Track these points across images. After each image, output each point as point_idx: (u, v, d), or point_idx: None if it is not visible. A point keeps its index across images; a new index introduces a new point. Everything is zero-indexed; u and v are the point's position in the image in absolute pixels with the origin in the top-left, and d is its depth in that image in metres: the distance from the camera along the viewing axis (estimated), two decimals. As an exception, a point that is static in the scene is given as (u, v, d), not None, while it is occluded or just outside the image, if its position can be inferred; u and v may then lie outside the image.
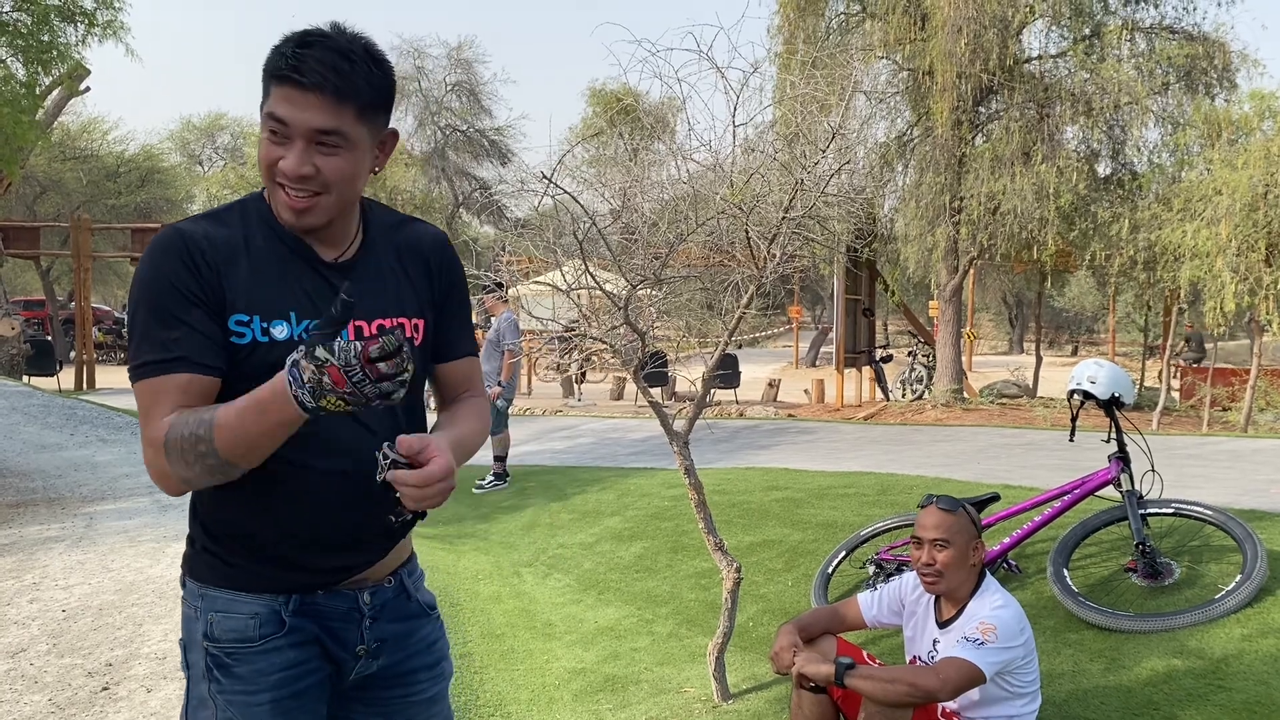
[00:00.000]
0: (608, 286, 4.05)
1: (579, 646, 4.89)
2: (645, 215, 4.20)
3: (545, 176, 3.72)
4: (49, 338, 21.53)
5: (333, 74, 1.58)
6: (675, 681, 4.30)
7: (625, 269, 3.90)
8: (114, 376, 21.80)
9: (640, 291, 4.45)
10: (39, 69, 11.11)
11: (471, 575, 6.09)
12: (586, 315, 3.99)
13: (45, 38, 10.88)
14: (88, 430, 11.10)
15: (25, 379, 16.71)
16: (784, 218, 3.87)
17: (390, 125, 1.72)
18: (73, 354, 21.04)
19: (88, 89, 17.08)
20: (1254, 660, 3.37)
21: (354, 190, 1.70)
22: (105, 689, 4.24)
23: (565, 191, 3.71)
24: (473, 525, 7.53)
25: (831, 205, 4.16)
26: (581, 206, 3.79)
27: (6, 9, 10.76)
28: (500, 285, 7.71)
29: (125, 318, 1.73)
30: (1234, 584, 3.81)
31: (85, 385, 18.90)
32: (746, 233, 3.87)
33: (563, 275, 4.21)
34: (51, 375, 18.58)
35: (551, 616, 5.37)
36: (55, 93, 16.71)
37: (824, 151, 3.75)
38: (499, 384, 8.49)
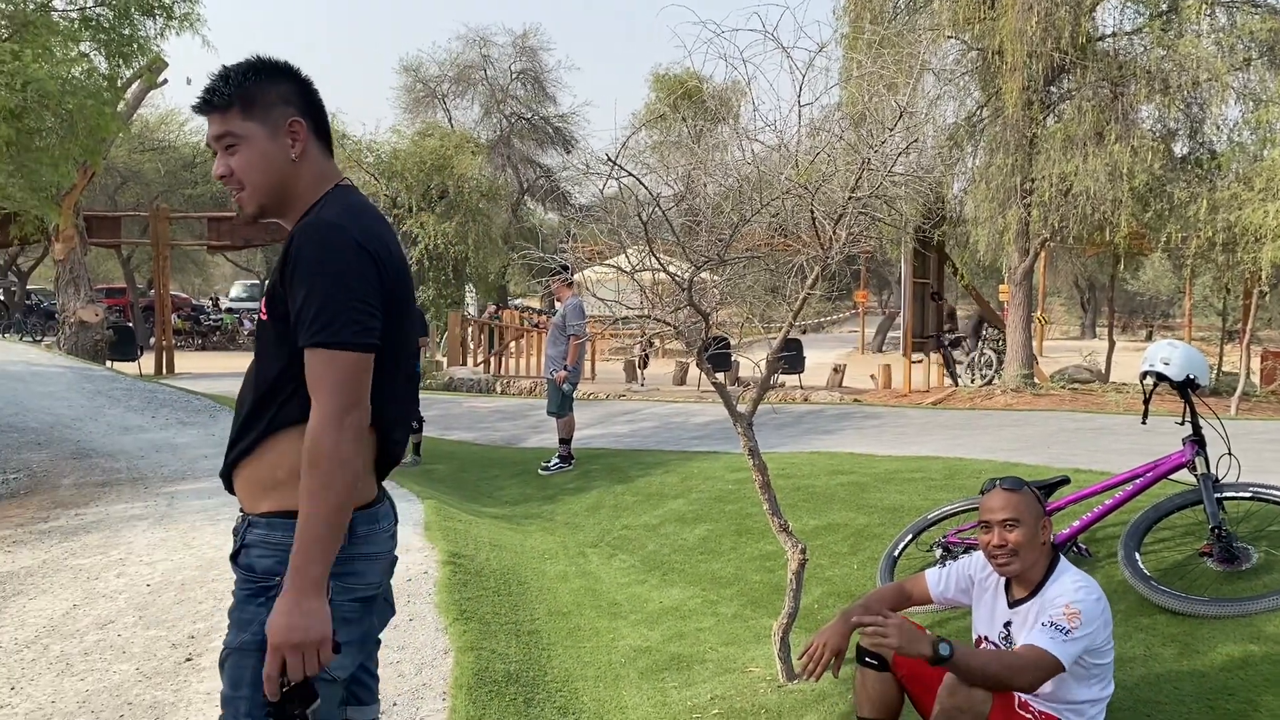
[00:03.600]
0: (671, 269, 4.07)
1: (644, 626, 4.95)
2: (709, 198, 4.21)
3: (609, 159, 3.75)
4: (130, 324, 22.20)
5: (210, 94, 1.99)
6: (740, 661, 4.33)
7: (689, 251, 3.93)
8: (192, 361, 22.44)
9: (704, 275, 4.47)
10: (120, 62, 11.44)
11: (538, 555, 6.19)
12: (650, 298, 4.02)
13: (126, 31, 11.20)
14: (168, 413, 11.45)
15: (108, 364, 17.27)
16: (850, 198, 3.85)
17: (295, 115, 2.02)
18: (152, 340, 21.67)
19: (165, 81, 17.55)
20: (1334, 647, 3.30)
21: (265, 178, 2.00)
22: (188, 660, 4.40)
23: (629, 173, 3.74)
24: (539, 506, 7.63)
25: (899, 185, 4.12)
26: (645, 188, 3.82)
27: (89, 4, 11.10)
28: (565, 269, 7.78)
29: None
30: (1314, 569, 3.72)
31: (165, 370, 19.47)
32: (812, 214, 3.86)
33: (627, 259, 4.24)
34: (132, 360, 19.18)
35: (617, 596, 5.44)
36: (135, 85, 17.20)
37: (891, 130, 3.73)
38: (565, 368, 8.57)
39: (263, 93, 2.00)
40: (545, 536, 6.72)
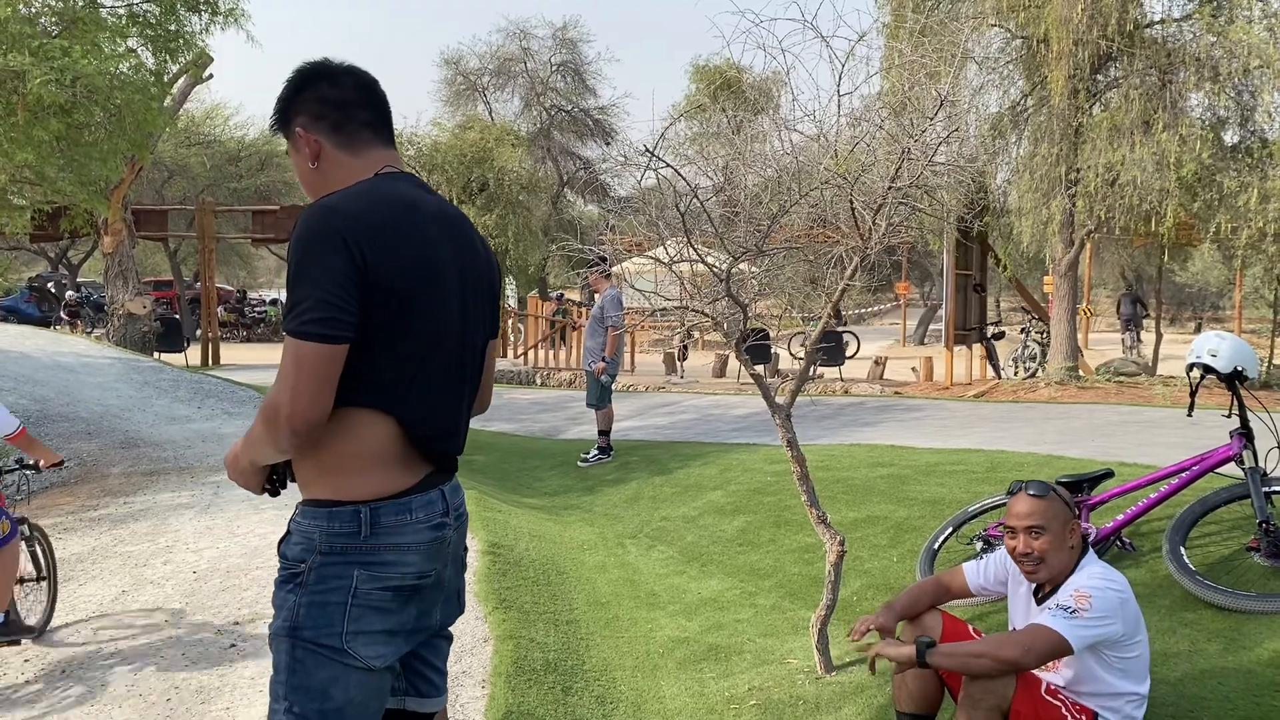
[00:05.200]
0: (709, 260, 4.07)
1: (682, 616, 4.96)
2: (748, 189, 4.20)
3: (648, 150, 3.75)
4: (177, 316, 22.55)
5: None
6: (778, 653, 4.33)
7: (727, 242, 3.92)
8: (237, 353, 22.76)
9: (742, 266, 4.46)
10: (166, 57, 11.62)
11: (577, 545, 6.22)
12: (689, 289, 4.02)
13: (172, 27, 11.37)
14: (214, 404, 11.63)
15: (155, 355, 17.57)
16: (890, 188, 3.83)
17: (298, 125, 2.10)
18: (198, 332, 22.00)
19: (211, 76, 17.79)
20: (1386, 644, 3.23)
21: (305, 188, 2.15)
22: (233, 645, 4.48)
23: (667, 164, 3.75)
24: (578, 497, 7.66)
25: (940, 175, 4.09)
26: (684, 179, 3.82)
27: (136, 0, 11.28)
28: (604, 260, 7.79)
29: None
30: (1366, 566, 3.64)
31: (210, 361, 19.77)
32: (851, 204, 3.84)
33: (666, 251, 4.24)
34: (179, 352, 19.50)
35: (655, 587, 5.45)
36: (181, 80, 17.44)
37: (931, 120, 3.69)
38: (603, 359, 8.59)
39: (283, 110, 2.12)
40: (584, 527, 6.74)
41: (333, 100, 2.08)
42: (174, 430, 10.12)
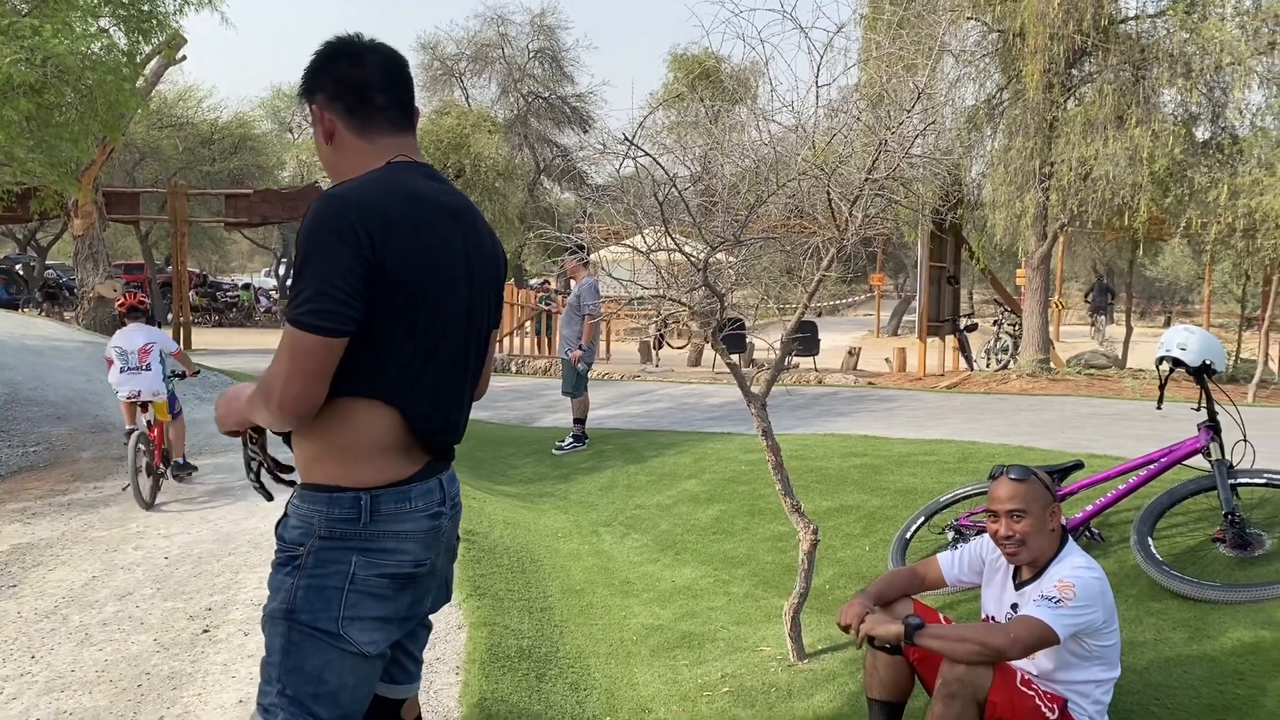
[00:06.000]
0: (687, 249, 4.08)
1: (656, 604, 4.98)
2: (725, 178, 4.21)
3: (626, 139, 3.75)
4: (148, 300, 22.29)
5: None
6: (751, 640, 4.36)
7: (705, 231, 3.93)
8: (209, 337, 22.56)
9: (719, 255, 4.47)
10: (139, 38, 11.47)
11: (551, 533, 6.23)
12: (666, 277, 4.03)
13: (145, 7, 11.22)
14: (184, 389, 11.52)
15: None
16: (867, 179, 3.85)
17: (316, 101, 2.08)
18: (169, 316, 21.77)
19: (184, 58, 17.55)
20: (1346, 634, 3.30)
21: (323, 163, 2.13)
22: (205, 631, 4.46)
23: (646, 153, 3.75)
24: (552, 485, 7.67)
25: (916, 167, 4.11)
26: (662, 168, 3.82)
27: (109, -21, 11.12)
28: (581, 248, 7.78)
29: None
30: (1328, 557, 3.71)
31: (182, 346, 19.58)
32: (828, 194, 3.86)
33: (643, 239, 4.24)
34: (150, 336, 19.24)
35: (629, 575, 5.47)
36: (154, 61, 17.21)
37: (909, 112, 3.71)
38: (580, 347, 8.59)
39: (306, 84, 2.10)
40: (559, 515, 6.75)
41: (352, 82, 2.05)
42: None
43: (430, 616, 2.30)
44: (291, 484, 2.15)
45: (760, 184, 4.03)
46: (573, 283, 8.84)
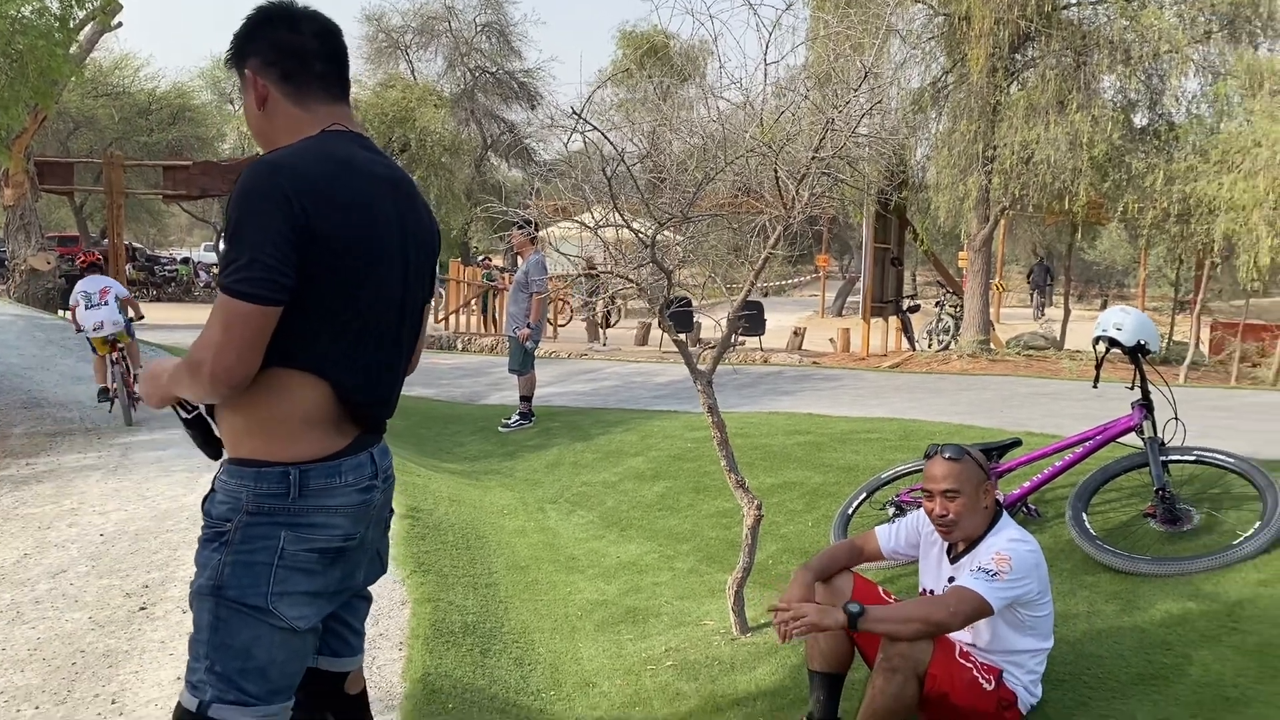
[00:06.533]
0: (635, 226, 4.07)
1: (601, 580, 5.00)
2: (674, 155, 4.20)
3: (574, 113, 3.73)
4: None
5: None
6: (695, 615, 4.40)
7: (653, 208, 3.92)
8: (147, 312, 22.02)
9: (667, 234, 4.48)
10: (73, 3, 11.12)
11: (497, 510, 6.21)
12: (613, 253, 4.02)
13: (78, -30, 10.89)
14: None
15: (60, 313, 16.93)
16: (814, 157, 3.86)
17: (249, 66, 2.02)
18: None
19: (120, 24, 17.05)
20: (1269, 605, 3.41)
21: (252, 130, 2.09)
22: (143, 609, 4.38)
23: (594, 127, 3.73)
24: (498, 463, 7.64)
25: (862, 146, 4.14)
26: (610, 143, 3.81)
27: (39, -59, 10.75)
28: (529, 223, 7.72)
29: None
30: (1252, 531, 3.83)
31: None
32: (775, 172, 3.87)
33: (591, 216, 4.23)
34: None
35: (575, 551, 5.48)
36: (88, 27, 16.71)
37: (855, 90, 3.74)
38: (528, 325, 8.55)
39: (237, 48, 2.05)
40: (504, 492, 6.74)
41: (287, 47, 2.00)
42: (79, 390, 9.80)
43: (373, 592, 2.28)
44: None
45: (708, 161, 4.03)
46: (520, 259, 8.78)
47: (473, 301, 19.32)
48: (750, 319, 15.28)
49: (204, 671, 1.91)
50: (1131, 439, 4.37)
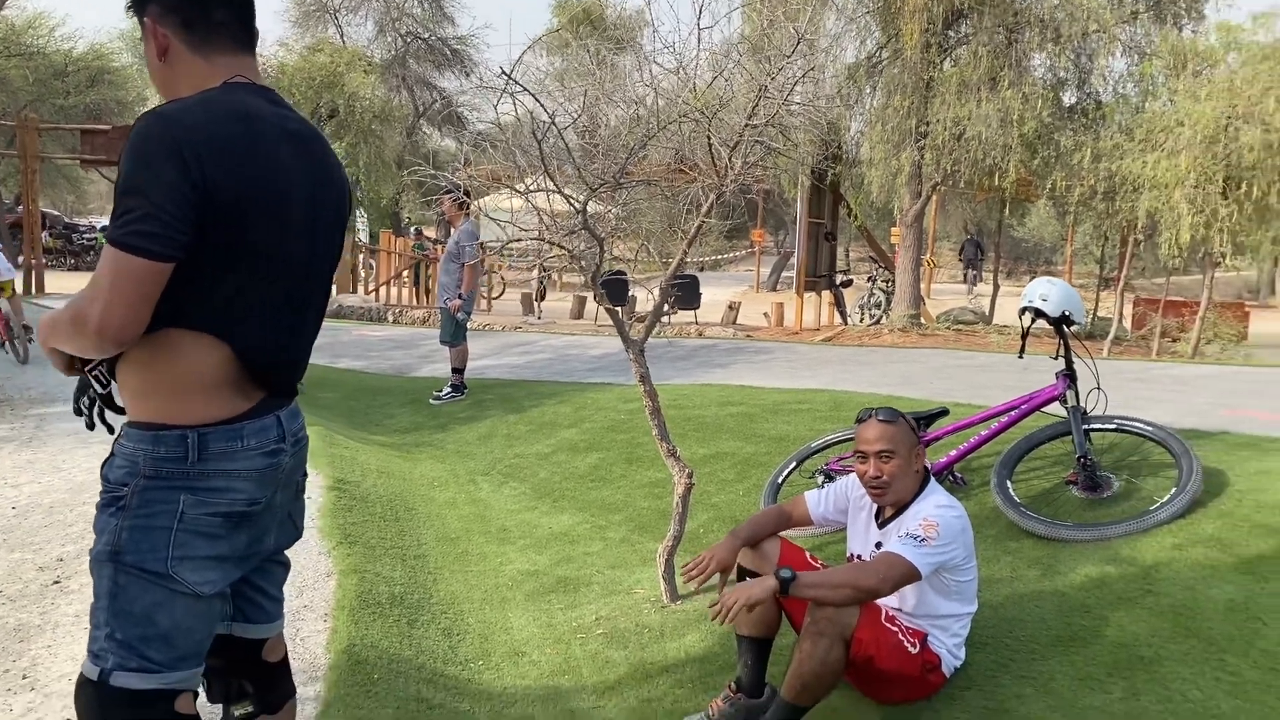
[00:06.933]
0: (567, 191, 4.01)
1: (532, 550, 4.97)
2: (608, 122, 4.15)
3: (505, 73, 3.65)
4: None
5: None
6: (626, 584, 4.39)
7: (585, 174, 3.87)
8: (64, 282, 21.37)
9: (600, 206, 4.43)
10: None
11: (427, 482, 6.13)
12: (544, 219, 3.96)
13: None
14: (34, 333, 10.92)
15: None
16: (747, 125, 3.84)
17: (149, 14, 1.92)
18: (21, 259, 20.52)
19: (32, -19, 16.36)
20: (1182, 568, 3.50)
21: (153, 79, 1.99)
22: (56, 582, 4.24)
23: (524, 89, 3.65)
24: (429, 434, 7.55)
25: (795, 115, 4.13)
26: (542, 106, 3.74)
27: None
28: (459, 188, 7.58)
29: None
30: (1168, 497, 3.93)
31: (34, 290, 18.50)
32: (709, 139, 3.84)
33: (525, 185, 4.16)
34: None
35: (506, 522, 5.43)
36: (-3, -17, 16.01)
37: (788, 58, 3.71)
38: (459, 296, 8.43)
39: None
40: (435, 464, 6.65)
41: None
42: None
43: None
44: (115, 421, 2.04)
45: (641, 127, 3.98)
46: (452, 229, 8.64)
47: (404, 273, 19.03)
48: (685, 293, 15.31)
49: (105, 639, 1.84)
50: (1055, 408, 4.46)
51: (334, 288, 18.83)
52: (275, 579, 2.18)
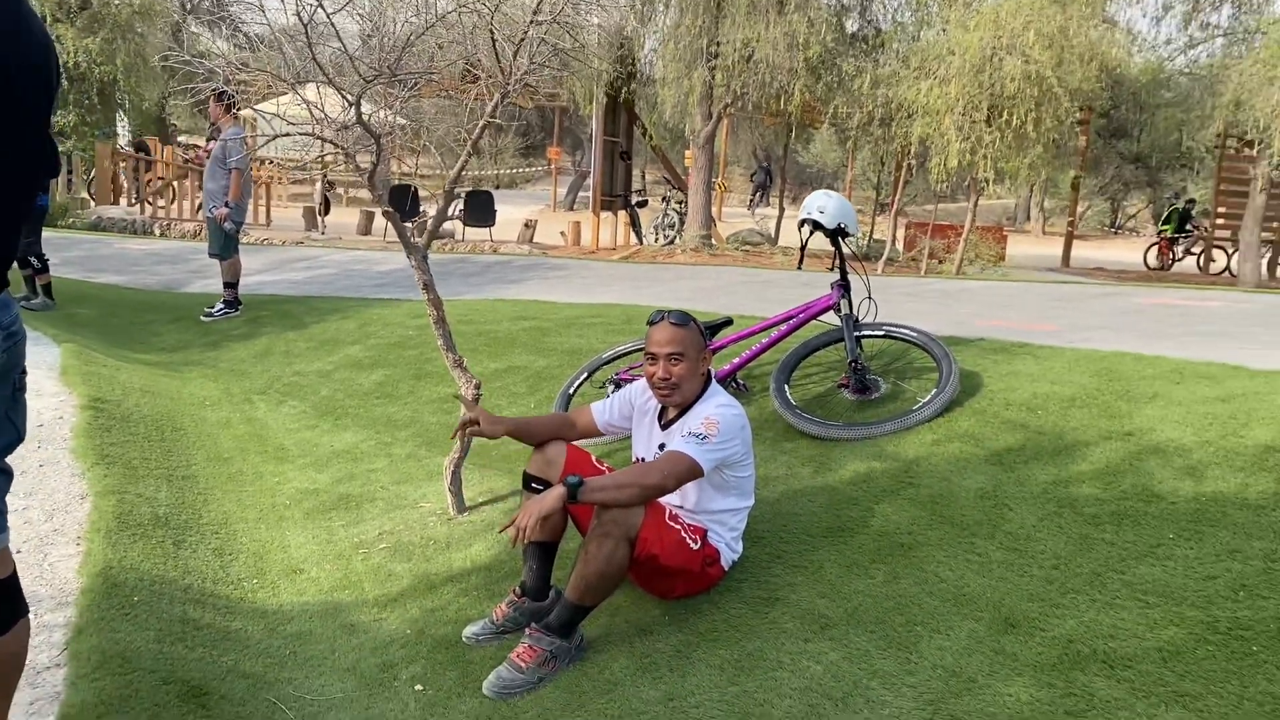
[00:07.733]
0: (338, 83, 3.77)
1: (312, 469, 4.77)
2: (392, 18, 3.91)
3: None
4: None
5: None
6: (412, 498, 4.29)
7: (357, 64, 3.64)
8: None
9: (380, 108, 4.21)
10: None
11: (197, 401, 5.77)
12: (316, 114, 3.71)
13: None
14: None
15: None
16: (531, 22, 3.71)
17: None
18: None
19: None
20: (939, 461, 3.74)
21: None
22: None
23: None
24: (200, 353, 7.10)
25: (584, 14, 4.02)
26: (310, -10, 3.47)
27: None
28: (225, 93, 7.04)
29: None
30: (930, 397, 4.18)
31: None
32: (491, 34, 3.69)
33: (300, 93, 3.88)
34: None
35: (284, 441, 5.20)
36: None
37: (573, -48, 3.60)
38: (226, 204, 7.89)
39: None
40: (207, 384, 6.27)
41: None
42: None
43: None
44: None
45: (420, 18, 3.78)
46: (220, 131, 8.03)
47: (173, 184, 17.70)
48: (480, 210, 15.00)
49: None
50: (830, 317, 4.63)
51: (94, 198, 17.15)
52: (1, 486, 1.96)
